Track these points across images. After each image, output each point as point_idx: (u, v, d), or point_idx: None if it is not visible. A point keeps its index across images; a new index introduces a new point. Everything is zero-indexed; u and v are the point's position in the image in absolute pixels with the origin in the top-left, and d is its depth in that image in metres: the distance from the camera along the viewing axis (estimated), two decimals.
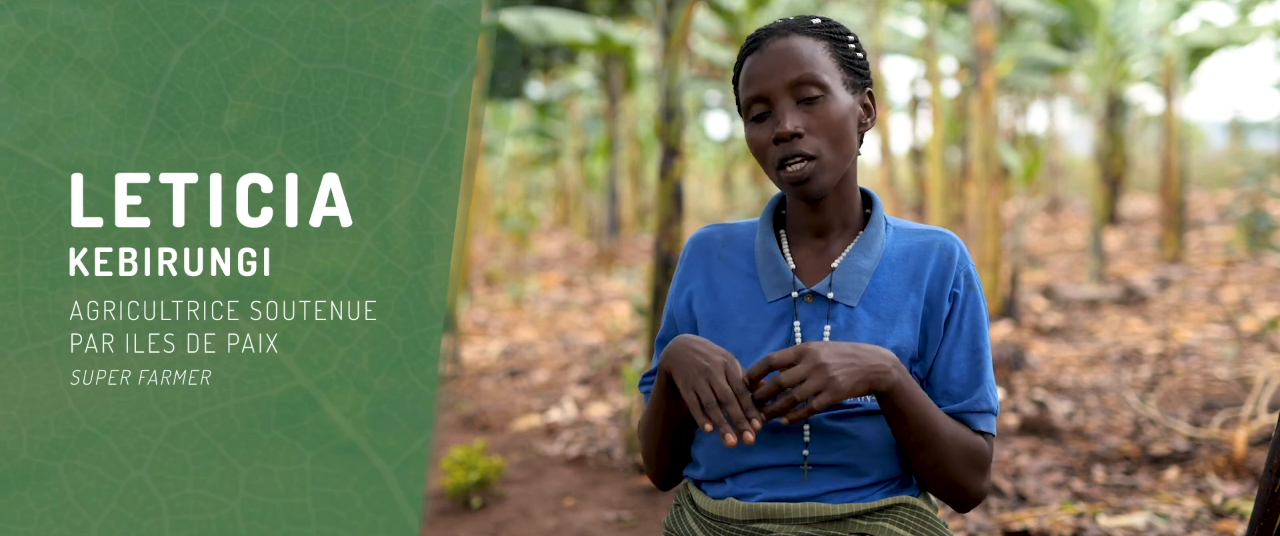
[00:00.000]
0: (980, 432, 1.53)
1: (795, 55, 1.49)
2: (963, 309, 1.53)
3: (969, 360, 1.53)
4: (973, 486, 1.51)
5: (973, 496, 1.52)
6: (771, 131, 1.49)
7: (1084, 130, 28.34)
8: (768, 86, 1.49)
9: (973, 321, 1.53)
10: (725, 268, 1.60)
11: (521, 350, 7.49)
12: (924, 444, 1.47)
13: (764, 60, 1.51)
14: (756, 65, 1.52)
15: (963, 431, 1.51)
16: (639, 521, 3.69)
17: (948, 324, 1.53)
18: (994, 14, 6.93)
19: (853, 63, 1.53)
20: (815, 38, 1.52)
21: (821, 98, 1.48)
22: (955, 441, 1.49)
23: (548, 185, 28.42)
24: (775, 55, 1.50)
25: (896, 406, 1.44)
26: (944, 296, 1.52)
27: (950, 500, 1.53)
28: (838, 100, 1.49)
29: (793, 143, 1.47)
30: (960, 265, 1.54)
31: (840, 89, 1.50)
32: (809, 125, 1.48)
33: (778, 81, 1.49)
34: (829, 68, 1.50)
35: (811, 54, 1.50)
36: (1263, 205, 8.36)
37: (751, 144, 1.52)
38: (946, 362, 1.52)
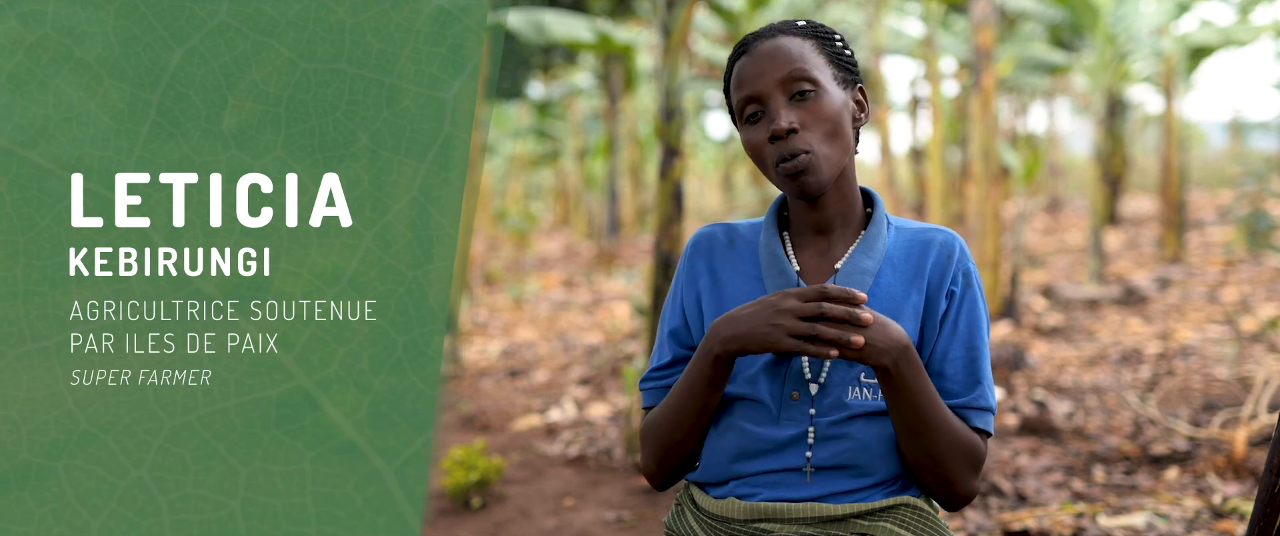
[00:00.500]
0: (976, 429, 1.52)
1: (784, 53, 1.50)
2: (960, 306, 1.53)
3: (965, 358, 1.52)
4: (962, 483, 1.50)
5: (961, 494, 1.51)
6: (767, 131, 1.49)
7: (1084, 130, 28.34)
8: (759, 86, 1.50)
9: (970, 319, 1.53)
10: (730, 269, 1.60)
11: (521, 350, 7.49)
12: (917, 431, 1.46)
13: (754, 61, 1.51)
14: (746, 67, 1.52)
15: (959, 425, 1.49)
16: (639, 521, 3.69)
17: (944, 321, 1.52)
18: (994, 14, 6.93)
19: (841, 59, 1.54)
20: (802, 37, 1.52)
21: (814, 93, 1.49)
22: (950, 433, 1.47)
23: (548, 185, 28.42)
24: (764, 55, 1.51)
25: (895, 388, 1.43)
26: (941, 293, 1.52)
27: (939, 495, 1.52)
28: (830, 95, 1.50)
29: (789, 139, 1.47)
30: (960, 263, 1.54)
31: (832, 84, 1.51)
32: (803, 121, 1.48)
33: (769, 80, 1.49)
34: (819, 64, 1.50)
35: (800, 51, 1.50)
36: (1263, 205, 8.36)
37: (748, 146, 1.52)
38: (942, 360, 1.52)
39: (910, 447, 1.48)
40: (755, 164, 1.54)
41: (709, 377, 1.48)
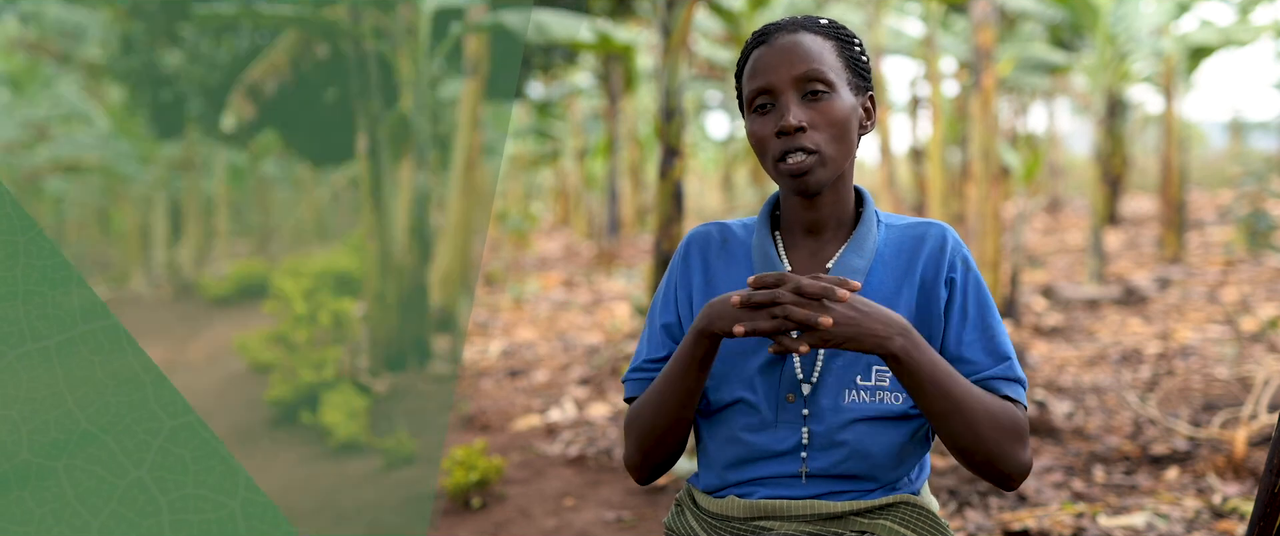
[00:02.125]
0: (1009, 399, 1.48)
1: (803, 50, 1.50)
2: (964, 291, 1.52)
3: (981, 339, 1.50)
4: (1011, 456, 1.45)
5: (1013, 470, 1.45)
6: (774, 124, 1.49)
7: (1084, 130, 28.34)
8: (773, 79, 1.50)
9: (978, 301, 1.52)
10: (723, 267, 1.60)
11: (521, 350, 7.48)
12: (948, 413, 1.42)
13: (771, 53, 1.51)
14: (763, 58, 1.52)
15: (989, 398, 1.45)
16: (639, 521, 3.69)
17: (949, 309, 1.51)
18: (994, 14, 6.92)
19: (857, 65, 1.54)
20: (823, 36, 1.52)
21: (826, 94, 1.49)
22: (982, 407, 1.43)
23: (548, 185, 28.41)
24: (783, 50, 1.50)
25: (907, 371, 1.40)
26: (939, 283, 1.52)
27: (991, 476, 1.46)
28: (842, 98, 1.50)
29: (795, 137, 1.48)
30: (954, 251, 1.53)
31: (845, 88, 1.51)
32: (812, 120, 1.48)
33: (784, 75, 1.49)
34: (835, 67, 1.50)
35: (819, 51, 1.50)
36: (1263, 205, 8.35)
37: (752, 136, 1.52)
38: (958, 346, 1.50)
39: (947, 433, 1.43)
40: (757, 154, 1.53)
41: (693, 354, 1.46)
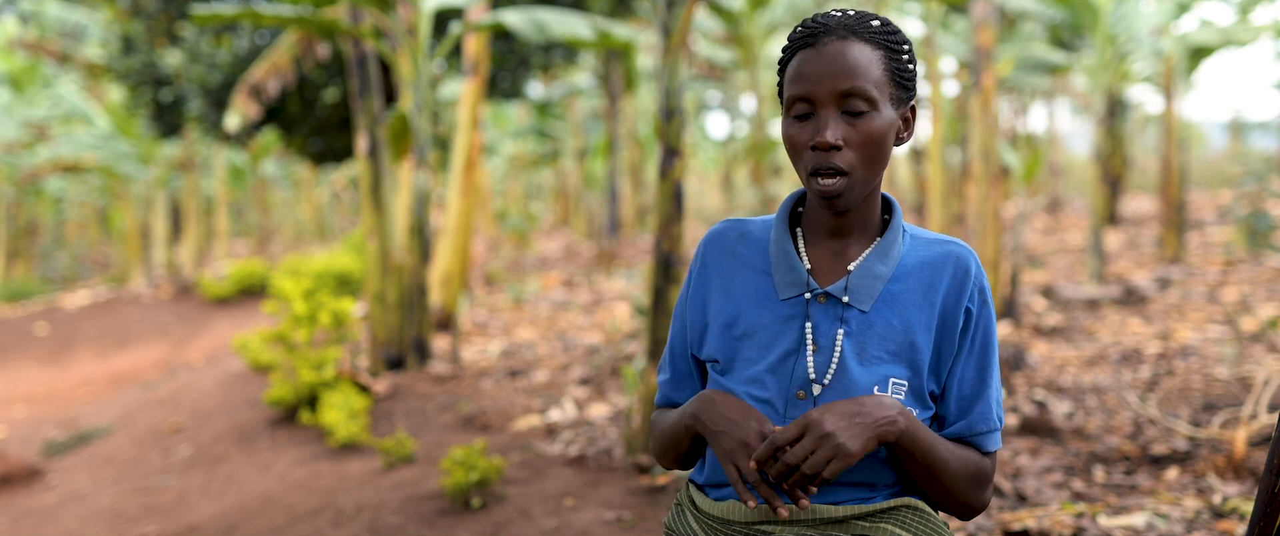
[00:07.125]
0: (981, 449, 1.57)
1: (850, 63, 1.46)
2: (977, 324, 1.54)
3: (976, 376, 1.54)
4: (975, 501, 1.56)
5: (975, 509, 1.56)
6: (811, 134, 1.47)
7: (1084, 130, 28.32)
8: (816, 90, 1.46)
9: (985, 337, 1.55)
10: (739, 264, 1.59)
11: (521, 350, 7.48)
12: (932, 477, 1.51)
13: (818, 61, 1.47)
14: (809, 63, 1.47)
15: (969, 456, 1.55)
16: (639, 521, 3.68)
17: (962, 338, 1.53)
18: (994, 14, 6.91)
19: (903, 76, 1.50)
20: (873, 46, 1.47)
21: (867, 113, 1.46)
22: (962, 468, 1.53)
23: (548, 185, 28.40)
24: (830, 58, 1.46)
25: (905, 449, 1.47)
26: (959, 310, 1.52)
27: (953, 514, 1.57)
28: (882, 116, 1.47)
29: (830, 154, 1.46)
30: (976, 280, 1.53)
31: (886, 105, 1.48)
32: (849, 138, 1.46)
33: (827, 88, 1.46)
34: (880, 82, 1.47)
35: (867, 65, 1.46)
36: (1263, 205, 8.34)
37: (787, 139, 1.50)
38: (960, 377, 1.54)
39: (924, 486, 1.53)
40: (789, 155, 1.51)
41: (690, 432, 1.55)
